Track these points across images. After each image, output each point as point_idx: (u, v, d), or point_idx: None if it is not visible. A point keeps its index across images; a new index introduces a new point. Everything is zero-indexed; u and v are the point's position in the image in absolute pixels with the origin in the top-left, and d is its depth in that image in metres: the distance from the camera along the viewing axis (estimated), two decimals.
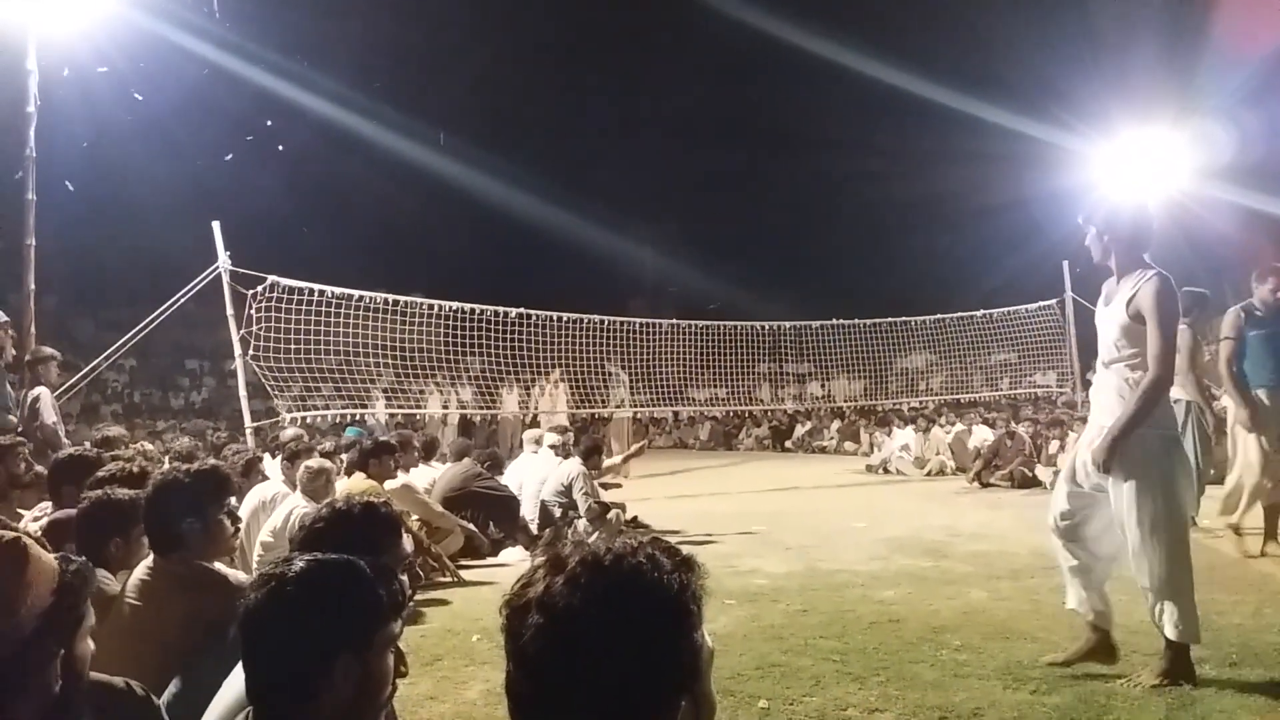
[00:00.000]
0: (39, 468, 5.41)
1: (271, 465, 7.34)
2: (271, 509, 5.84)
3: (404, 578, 2.31)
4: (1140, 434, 3.87)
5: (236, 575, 3.16)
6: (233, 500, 3.67)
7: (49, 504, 4.48)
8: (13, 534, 1.98)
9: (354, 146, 21.05)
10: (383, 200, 24.04)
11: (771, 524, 8.93)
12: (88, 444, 6.56)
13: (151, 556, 3.07)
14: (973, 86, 18.75)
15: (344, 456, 7.71)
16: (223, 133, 19.79)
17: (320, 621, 1.74)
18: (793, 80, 22.62)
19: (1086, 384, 16.39)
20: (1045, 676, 3.96)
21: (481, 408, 13.79)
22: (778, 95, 23.51)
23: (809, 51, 19.75)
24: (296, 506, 5.40)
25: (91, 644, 2.13)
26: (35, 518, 4.31)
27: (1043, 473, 11.25)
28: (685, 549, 1.23)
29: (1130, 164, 15.13)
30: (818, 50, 19.66)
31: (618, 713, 1.12)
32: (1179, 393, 6.96)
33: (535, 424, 13.59)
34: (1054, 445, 11.64)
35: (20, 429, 7.26)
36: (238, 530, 3.77)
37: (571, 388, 13.97)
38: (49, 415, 7.48)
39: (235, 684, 2.01)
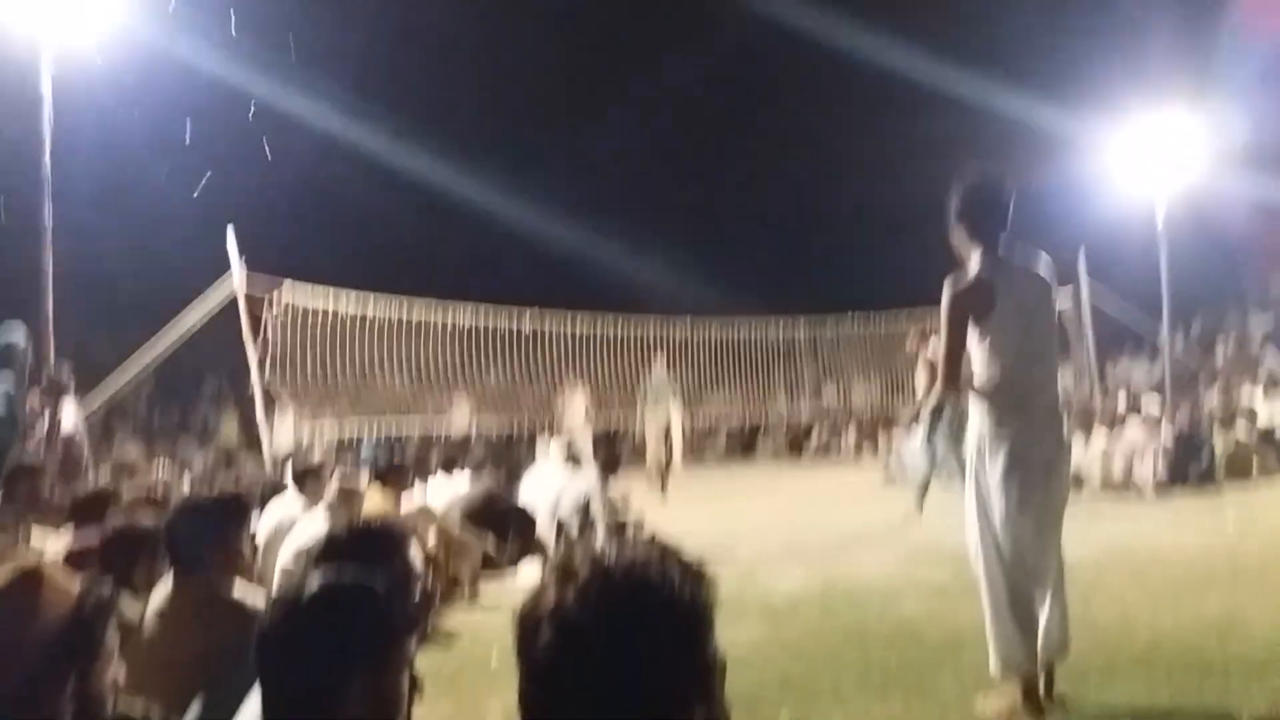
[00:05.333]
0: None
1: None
2: (290, 529, 5.85)
3: (418, 596, 2.32)
4: None
5: (255, 599, 3.17)
6: (253, 523, 3.70)
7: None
8: (33, 564, 2.01)
9: (368, 160, 21.14)
10: (395, 214, 24.17)
11: (789, 534, 8.90)
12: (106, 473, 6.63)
13: (171, 581, 3.09)
14: (983, 73, 18.55)
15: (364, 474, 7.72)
16: (237, 147, 19.90)
17: (334, 642, 1.75)
18: (797, 69, 22.44)
19: (1103, 381, 16.31)
20: (1069, 690, 3.91)
21: (499, 419, 13.78)
22: (781, 88, 23.43)
23: (811, 39, 19.65)
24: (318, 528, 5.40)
25: (123, 672, 2.14)
26: (61, 547, 4.34)
27: None
28: (698, 560, 1.23)
29: (1145, 151, 14.82)
30: (820, 37, 19.54)
31: None
32: None
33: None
34: (1077, 446, 11.51)
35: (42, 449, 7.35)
36: (255, 554, 3.80)
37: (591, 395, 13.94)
38: (69, 425, 7.58)
39: (253, 706, 2.02)
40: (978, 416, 3.84)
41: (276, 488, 6.72)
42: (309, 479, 6.22)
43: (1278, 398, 13.48)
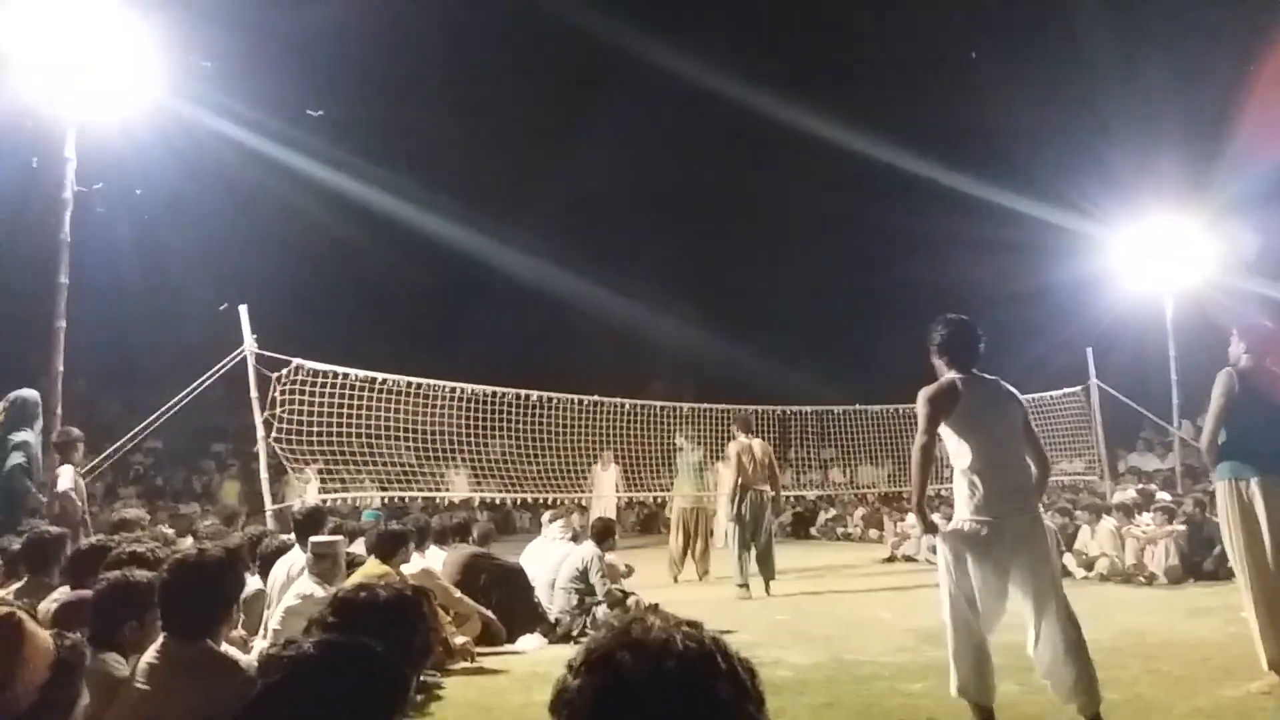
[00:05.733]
0: None
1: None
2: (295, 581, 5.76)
3: (414, 657, 2.26)
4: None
5: (248, 659, 3.12)
6: (252, 579, 3.64)
7: (66, 588, 4.45)
8: (7, 609, 1.96)
9: (382, 233, 21.32)
10: (407, 285, 24.40)
11: (795, 613, 8.75)
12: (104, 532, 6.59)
13: (162, 639, 3.04)
14: (993, 172, 18.85)
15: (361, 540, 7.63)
16: (253, 217, 20.17)
17: (328, 704, 1.70)
18: (814, 164, 22.86)
19: (1115, 472, 16.24)
20: None
21: (501, 490, 13.67)
22: (798, 179, 23.77)
23: (823, 138, 20.06)
24: (314, 591, 5.29)
25: None
26: (54, 599, 4.29)
27: (1069, 561, 10.93)
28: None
29: (1155, 252, 15.02)
30: (834, 138, 19.96)
31: None
32: None
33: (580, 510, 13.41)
34: (1085, 532, 11.38)
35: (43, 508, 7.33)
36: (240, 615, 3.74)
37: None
38: (64, 483, 7.57)
39: None
40: (960, 494, 4.49)
41: (283, 548, 6.63)
42: (311, 534, 6.18)
43: None
